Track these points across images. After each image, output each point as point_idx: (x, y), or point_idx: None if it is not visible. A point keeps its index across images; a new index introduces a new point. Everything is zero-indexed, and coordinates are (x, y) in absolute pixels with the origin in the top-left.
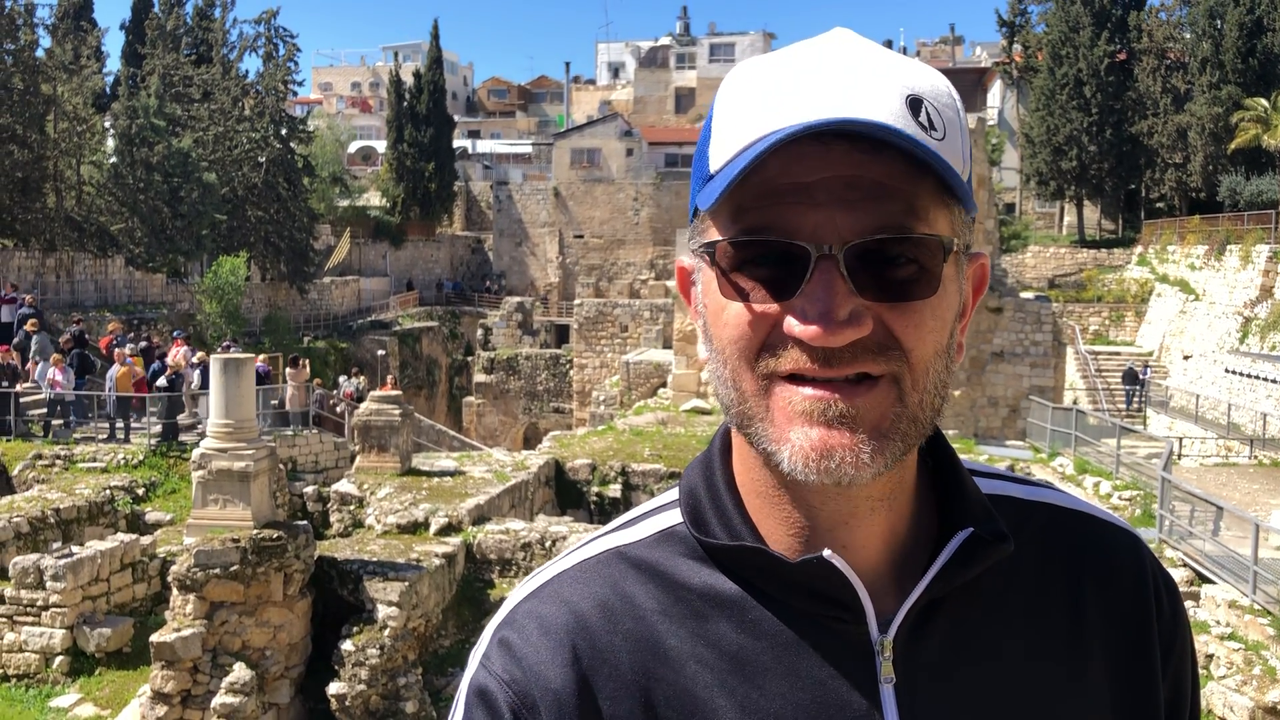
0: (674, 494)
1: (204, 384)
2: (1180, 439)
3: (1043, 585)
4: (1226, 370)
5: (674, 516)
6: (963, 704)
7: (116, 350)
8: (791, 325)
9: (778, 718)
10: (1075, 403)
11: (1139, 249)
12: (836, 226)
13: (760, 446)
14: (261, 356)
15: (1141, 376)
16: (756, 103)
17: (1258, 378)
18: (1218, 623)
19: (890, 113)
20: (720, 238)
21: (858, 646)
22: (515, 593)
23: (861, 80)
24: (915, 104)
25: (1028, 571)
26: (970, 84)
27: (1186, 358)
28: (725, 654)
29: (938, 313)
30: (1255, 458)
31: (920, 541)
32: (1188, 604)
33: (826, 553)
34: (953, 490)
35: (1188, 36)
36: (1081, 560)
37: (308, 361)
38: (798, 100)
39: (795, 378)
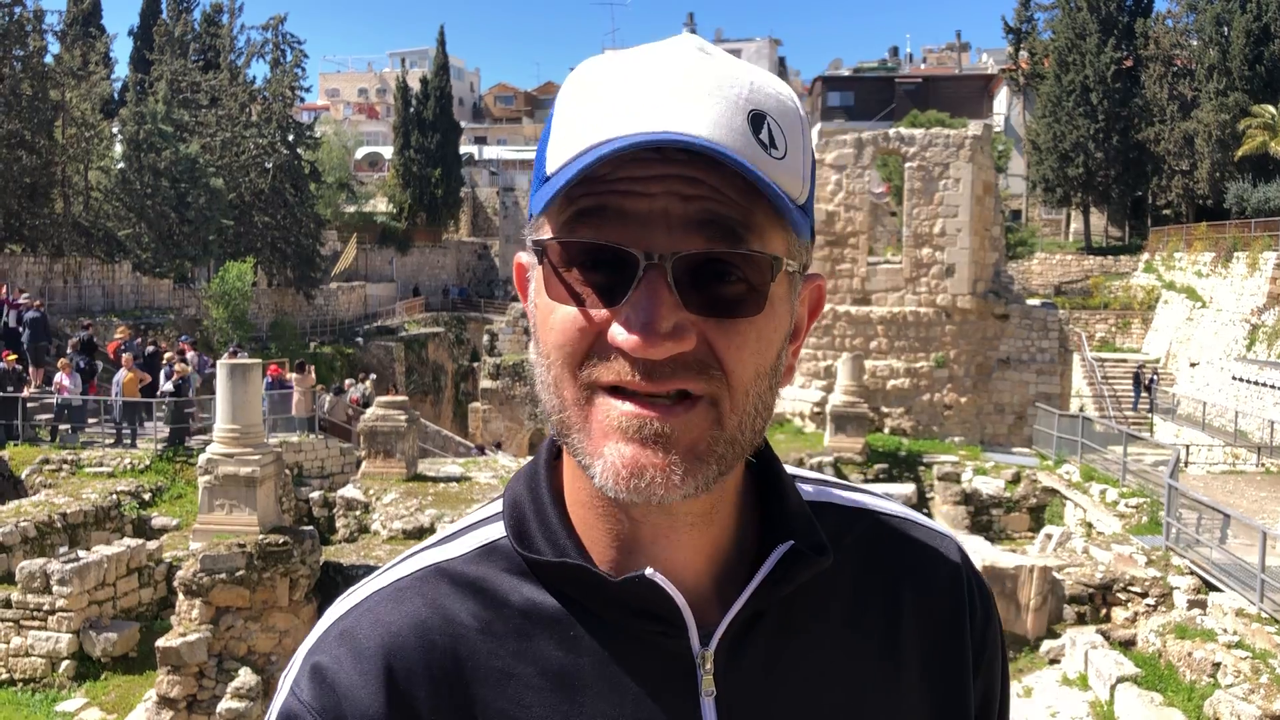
0: (497, 506)
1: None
2: (1187, 446)
3: (861, 592)
4: (1233, 378)
5: (497, 530)
6: (781, 714)
7: (125, 356)
8: (615, 334)
9: None
10: (1082, 410)
11: (1146, 256)
12: (669, 236)
13: (577, 458)
14: (287, 367)
15: (1148, 382)
16: (596, 107)
17: (1265, 385)
18: (1225, 631)
19: (730, 129)
20: (548, 237)
21: (679, 661)
22: (328, 614)
23: (704, 93)
24: (758, 120)
25: (847, 579)
26: (977, 91)
27: (1193, 365)
28: (547, 672)
29: (763, 333)
30: (1263, 465)
31: (743, 554)
32: (1194, 612)
33: (649, 571)
34: (774, 503)
35: (1194, 43)
36: (900, 566)
37: (313, 367)
38: (639, 108)
39: (616, 390)
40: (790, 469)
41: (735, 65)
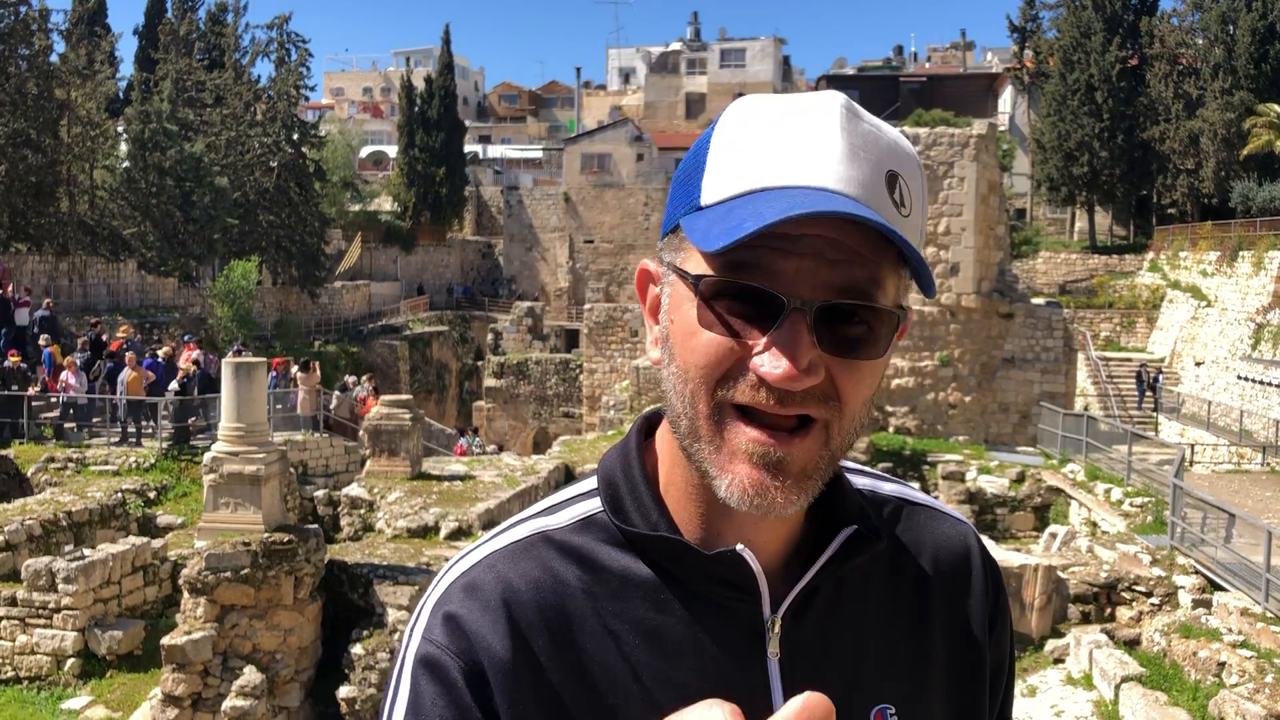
0: (591, 483)
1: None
2: (1192, 446)
3: (896, 568)
4: (1239, 377)
5: (594, 504)
6: (833, 673)
7: (128, 354)
8: (759, 364)
9: (683, 687)
10: (1086, 409)
11: (1150, 255)
12: (813, 281)
13: (699, 465)
14: (291, 365)
15: (1153, 381)
16: (753, 153)
17: (1270, 384)
18: (1230, 630)
19: (873, 191)
20: (704, 268)
21: (751, 626)
22: (449, 571)
23: (853, 155)
24: (892, 180)
25: (886, 558)
26: (981, 89)
27: (1198, 364)
28: (641, 630)
29: (876, 369)
30: (1268, 465)
31: (806, 535)
32: (1199, 611)
33: (739, 547)
34: (835, 491)
35: (1200, 42)
36: (927, 546)
37: (318, 364)
38: (794, 163)
39: (746, 410)
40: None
41: (877, 126)
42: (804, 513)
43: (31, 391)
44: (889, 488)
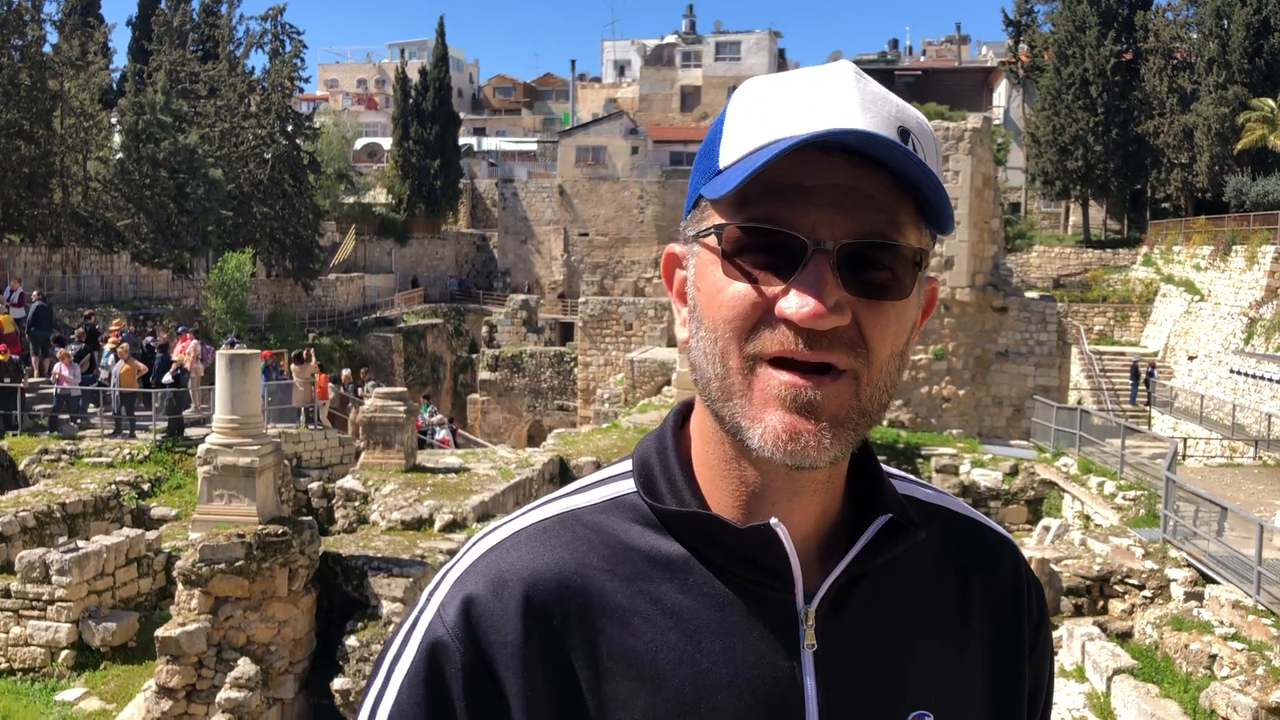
0: (626, 465)
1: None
2: (1185, 439)
3: (938, 576)
4: (1231, 371)
5: (626, 486)
6: (870, 672)
7: (121, 346)
8: (784, 307)
9: (711, 672)
10: (1080, 403)
11: (1144, 249)
12: (831, 226)
13: (733, 422)
14: (285, 358)
15: (1146, 375)
16: (769, 113)
17: (1263, 378)
18: (1221, 623)
19: (888, 135)
20: (724, 222)
21: (785, 614)
22: (475, 547)
23: (865, 105)
24: (904, 134)
25: (927, 564)
26: (976, 84)
27: (1191, 358)
28: (667, 612)
29: (901, 318)
30: (1260, 459)
31: (842, 525)
32: (1191, 604)
33: (773, 520)
34: (873, 482)
35: (1194, 36)
36: (970, 556)
37: (312, 351)
38: (808, 113)
39: (778, 362)
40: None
41: (885, 90)
42: (839, 501)
43: (27, 383)
44: (928, 495)
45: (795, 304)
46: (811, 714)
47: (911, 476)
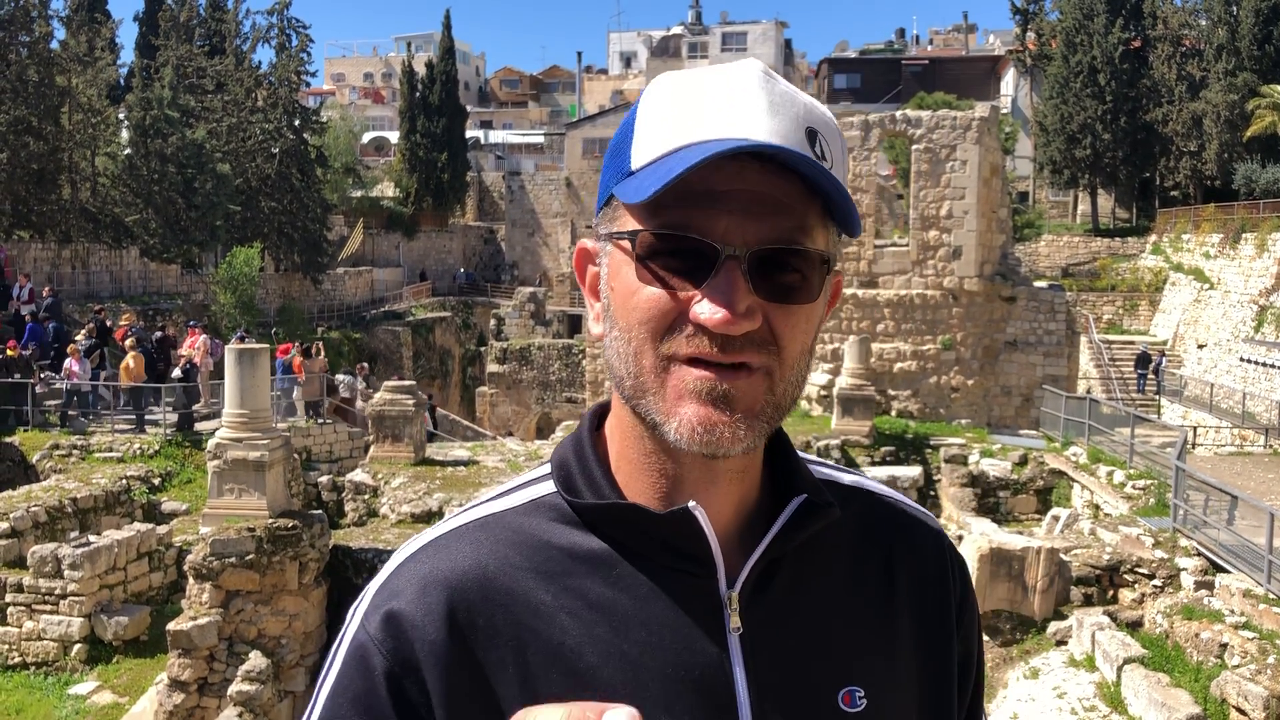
0: (545, 469)
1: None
2: (1195, 428)
3: (860, 555)
4: (1241, 359)
5: (545, 487)
6: (797, 651)
7: (128, 341)
8: (698, 313)
9: (639, 662)
10: (1089, 392)
11: (1153, 238)
12: (742, 233)
13: (649, 417)
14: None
15: (1155, 364)
16: (679, 115)
17: (1273, 366)
18: (1232, 612)
19: (794, 142)
20: (639, 227)
21: (710, 600)
22: (397, 554)
23: (773, 108)
24: (812, 135)
25: (849, 544)
26: (984, 72)
27: (1201, 347)
28: (592, 605)
29: (810, 317)
30: (1270, 447)
31: (761, 510)
32: (1201, 593)
33: (691, 504)
34: (789, 467)
35: (1203, 23)
36: (892, 535)
37: (321, 345)
38: (720, 119)
39: (692, 361)
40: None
41: (793, 89)
42: (757, 488)
43: (41, 377)
44: (848, 478)
45: (708, 311)
46: (741, 695)
47: (830, 462)
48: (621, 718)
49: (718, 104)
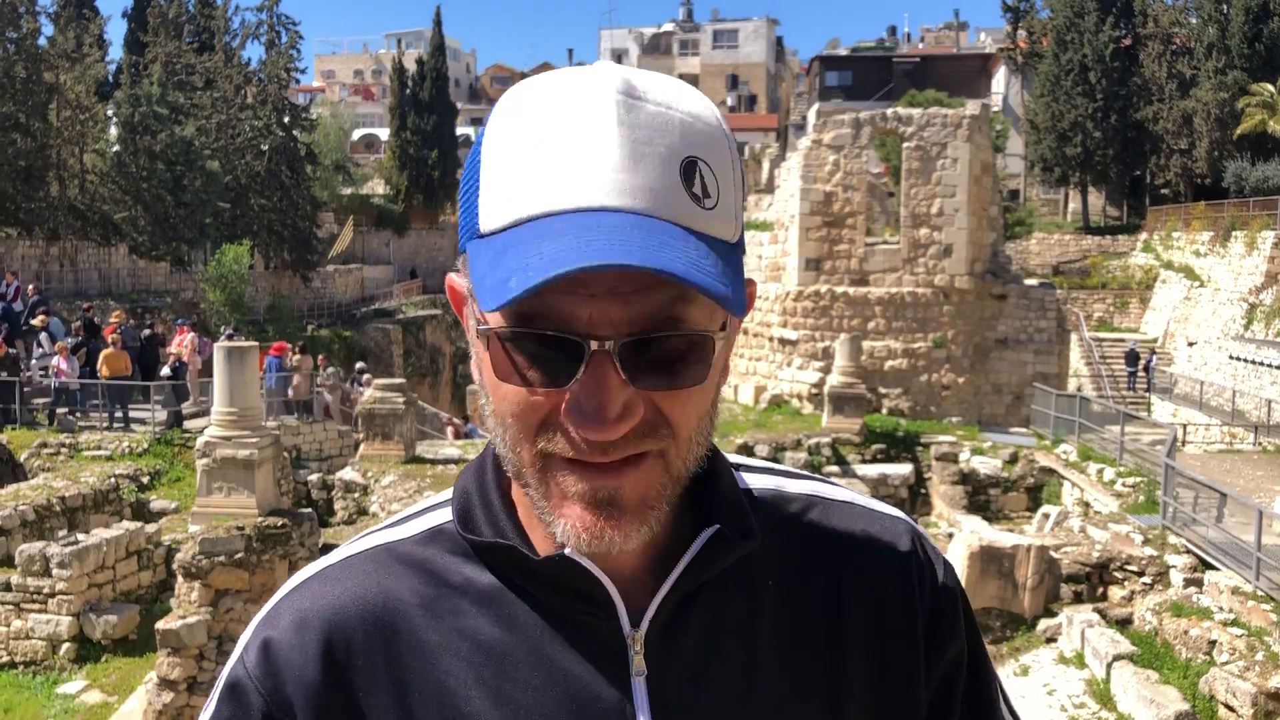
0: (447, 494)
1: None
2: (1184, 426)
3: (803, 575)
4: (1231, 357)
5: (445, 515)
6: (715, 694)
7: (113, 337)
8: (566, 419)
9: (529, 709)
10: (1079, 390)
11: (1144, 235)
12: (611, 319)
13: (533, 503)
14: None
15: (1146, 362)
16: (524, 161)
17: (1262, 364)
18: (1220, 609)
19: (665, 197)
20: (491, 326)
21: (611, 641)
22: (282, 588)
23: (636, 155)
24: (690, 168)
25: (789, 564)
26: (975, 70)
27: (1191, 344)
28: (481, 647)
29: (706, 390)
30: (1260, 444)
31: (678, 541)
32: (1190, 590)
33: (568, 550)
34: (706, 490)
35: (1194, 21)
36: (843, 550)
37: (301, 347)
38: (568, 178)
39: (573, 462)
40: (738, 459)
41: (665, 104)
42: (674, 517)
43: (24, 376)
44: (799, 486)
45: (578, 419)
46: None
47: (778, 466)
48: None
49: (567, 151)
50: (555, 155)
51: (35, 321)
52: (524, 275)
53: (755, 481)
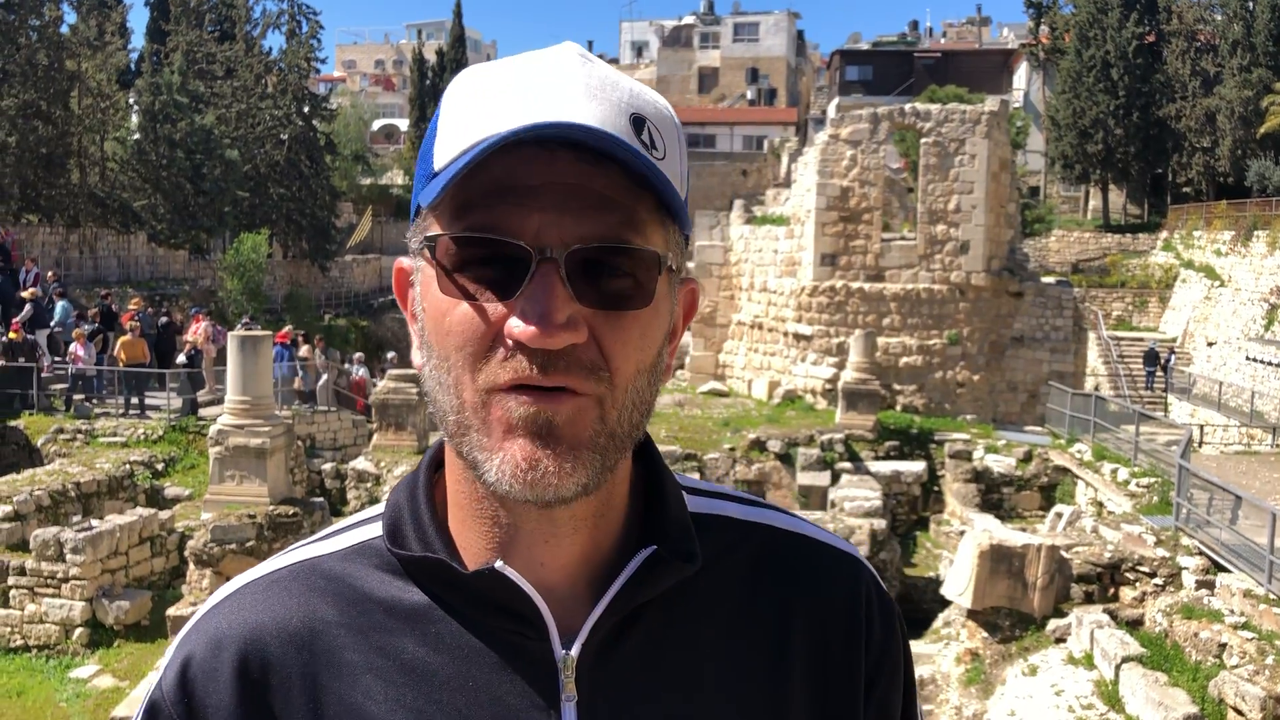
0: (379, 508)
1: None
2: (1202, 426)
3: (749, 603)
4: (1249, 358)
5: (375, 530)
6: (649, 718)
7: (132, 324)
8: (512, 326)
9: None
10: (1096, 389)
11: (1164, 234)
12: (559, 231)
13: (470, 457)
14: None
15: (1164, 361)
16: (483, 104)
17: None
18: (1231, 612)
19: (615, 127)
20: (439, 233)
21: (542, 663)
22: (202, 605)
23: (590, 93)
24: (638, 122)
25: (735, 591)
26: (996, 66)
27: (1210, 344)
28: (404, 667)
29: (647, 330)
30: (1277, 446)
31: (618, 560)
32: (1202, 592)
33: (499, 564)
34: (652, 512)
35: (1218, 18)
36: (792, 582)
37: (300, 335)
38: (525, 104)
39: (514, 389)
40: (691, 481)
41: (616, 73)
42: (618, 534)
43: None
44: (750, 514)
45: (522, 323)
46: None
47: (730, 491)
48: None
49: (526, 88)
50: (520, 89)
51: (25, 294)
52: (476, 152)
53: (706, 506)
